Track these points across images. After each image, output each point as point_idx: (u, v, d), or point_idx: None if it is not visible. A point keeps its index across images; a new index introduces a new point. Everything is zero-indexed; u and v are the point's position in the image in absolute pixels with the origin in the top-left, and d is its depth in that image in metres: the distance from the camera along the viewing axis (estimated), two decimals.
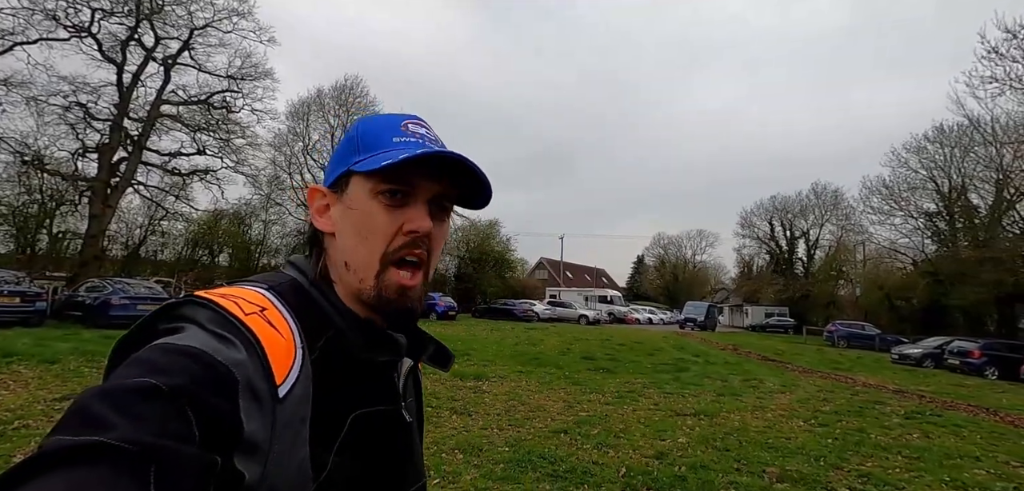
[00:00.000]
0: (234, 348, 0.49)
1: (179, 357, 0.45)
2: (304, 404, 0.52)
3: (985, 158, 27.47)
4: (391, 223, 0.61)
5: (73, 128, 22.40)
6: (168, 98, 24.65)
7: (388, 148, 0.61)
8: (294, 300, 0.60)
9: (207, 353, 0.46)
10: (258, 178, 28.14)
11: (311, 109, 31.34)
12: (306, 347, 0.55)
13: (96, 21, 21.57)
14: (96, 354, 8.15)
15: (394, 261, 0.62)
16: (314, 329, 0.58)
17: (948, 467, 5.14)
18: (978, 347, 17.24)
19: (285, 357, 0.52)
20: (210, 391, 0.44)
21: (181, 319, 0.51)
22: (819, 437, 6.06)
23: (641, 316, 41.12)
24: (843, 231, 43.76)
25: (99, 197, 21.98)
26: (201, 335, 0.48)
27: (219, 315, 0.51)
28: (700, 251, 70.69)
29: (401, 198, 0.62)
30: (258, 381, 0.49)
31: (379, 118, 0.66)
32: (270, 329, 0.53)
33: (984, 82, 23.32)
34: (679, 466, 4.64)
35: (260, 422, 0.48)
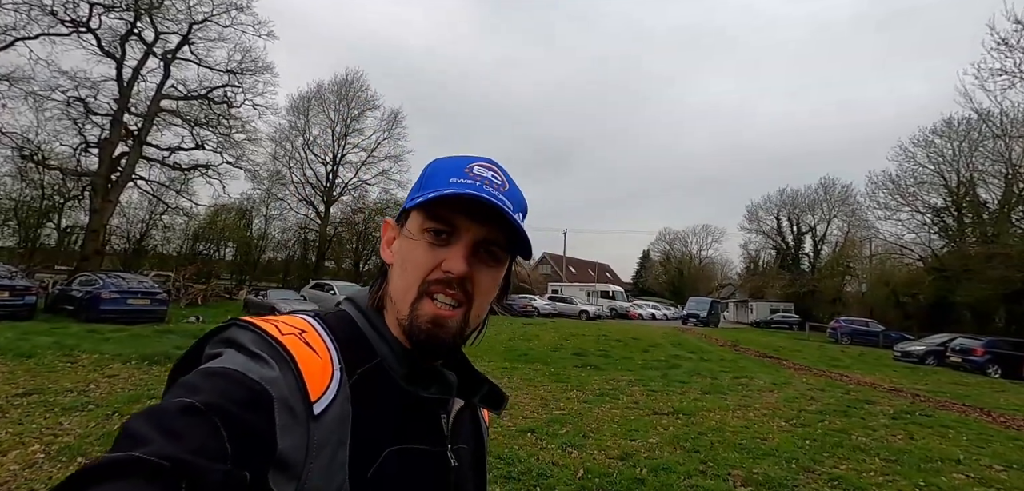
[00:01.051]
0: (267, 366, 0.50)
1: (216, 378, 0.47)
2: (342, 426, 0.53)
3: (994, 152, 26.90)
4: (430, 258, 0.61)
5: (75, 123, 22.58)
6: (168, 93, 24.75)
7: (442, 188, 0.61)
8: (338, 328, 0.61)
9: (240, 372, 0.48)
10: (258, 173, 28.25)
11: (311, 104, 31.40)
12: (344, 370, 0.56)
13: (95, 16, 21.67)
14: (75, 349, 8.15)
15: (428, 294, 0.61)
16: (357, 356, 0.59)
17: (925, 471, 4.97)
18: (981, 345, 16.90)
19: (321, 376, 0.53)
20: (243, 408, 0.45)
21: (223, 343, 0.53)
22: (797, 438, 5.90)
23: (644, 312, 40.87)
24: (851, 227, 43.22)
25: (99, 192, 22.12)
26: (238, 357, 0.50)
27: (257, 336, 0.53)
28: (706, 246, 70.15)
29: (445, 238, 0.62)
30: (293, 397, 0.49)
31: (446, 160, 0.66)
32: (306, 348, 0.54)
33: (994, 74, 22.81)
34: (641, 468, 4.51)
35: (295, 439, 0.49)
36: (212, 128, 25.79)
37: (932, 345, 19.03)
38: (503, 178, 0.66)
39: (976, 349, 16.77)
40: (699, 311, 35.61)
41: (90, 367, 7.10)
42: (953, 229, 30.62)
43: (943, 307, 29.67)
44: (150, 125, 24.14)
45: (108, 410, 5.17)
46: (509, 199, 0.64)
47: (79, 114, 22.38)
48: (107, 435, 4.42)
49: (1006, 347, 16.88)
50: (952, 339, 18.67)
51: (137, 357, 7.80)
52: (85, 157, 23.39)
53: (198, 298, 19.79)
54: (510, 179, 0.67)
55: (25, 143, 21.07)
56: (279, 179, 30.46)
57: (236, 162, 26.42)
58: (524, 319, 25.98)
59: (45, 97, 21.29)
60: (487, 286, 0.64)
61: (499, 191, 0.63)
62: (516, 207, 0.65)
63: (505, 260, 0.66)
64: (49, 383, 6.05)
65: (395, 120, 33.11)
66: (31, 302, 11.77)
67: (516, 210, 0.64)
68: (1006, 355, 16.35)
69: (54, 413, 4.96)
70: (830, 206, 45.08)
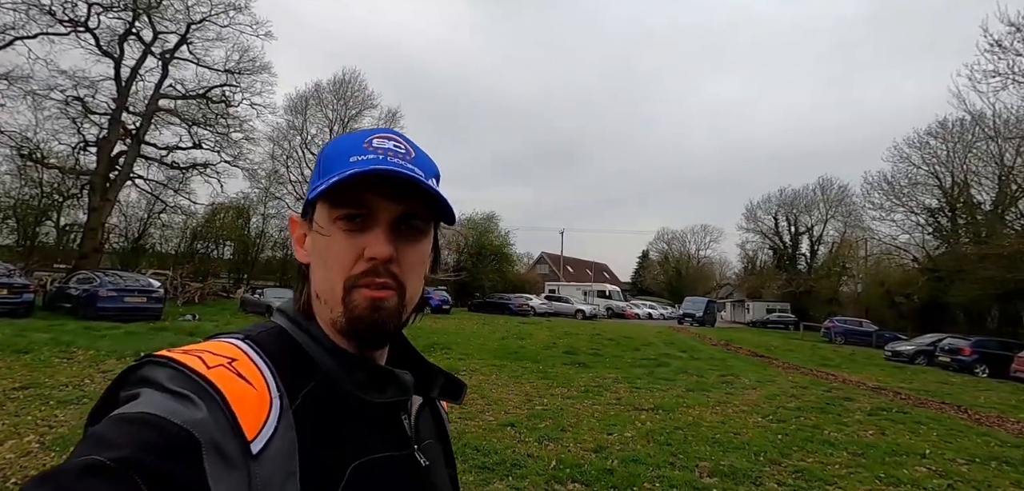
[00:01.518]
0: (193, 406, 0.45)
1: (129, 426, 0.42)
2: (288, 458, 0.48)
3: (986, 154, 27.09)
4: (350, 249, 0.57)
5: (73, 122, 22.75)
6: (166, 92, 24.92)
7: (344, 169, 0.56)
8: (274, 347, 0.56)
9: (160, 416, 0.43)
10: (256, 172, 28.42)
11: (309, 103, 31.54)
12: (285, 396, 0.51)
13: (94, 15, 21.83)
14: (72, 345, 8.34)
15: (356, 286, 0.57)
16: (297, 375, 0.55)
17: (889, 464, 5.15)
18: (969, 344, 17.09)
19: (257, 410, 0.48)
20: (163, 458, 0.40)
21: (139, 382, 0.47)
22: (770, 433, 6.08)
23: (641, 311, 41.08)
24: (847, 227, 43.44)
25: (98, 191, 22.30)
26: (156, 398, 0.45)
27: (178, 372, 0.47)
28: (704, 246, 70.41)
29: (361, 222, 0.57)
30: (225, 439, 0.45)
31: (344, 138, 0.61)
32: (238, 381, 0.49)
33: (986, 76, 22.98)
34: (613, 460, 4.70)
35: (232, 484, 0.44)
36: (210, 127, 25.96)
37: (922, 345, 19.22)
38: (407, 146, 0.62)
39: (964, 349, 16.97)
40: (695, 311, 35.84)
41: (86, 363, 7.29)
42: (947, 230, 30.82)
43: (937, 307, 29.86)
44: (148, 124, 24.30)
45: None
46: (418, 166, 0.60)
47: (78, 113, 22.56)
48: None
49: (994, 347, 17.08)
50: (941, 339, 18.87)
51: (132, 353, 7.98)
52: (83, 156, 23.60)
53: (195, 296, 19.97)
54: (416, 147, 0.63)
55: (24, 142, 21.22)
56: (277, 178, 30.65)
57: (234, 161, 26.59)
58: (520, 318, 26.20)
59: (44, 96, 21.46)
60: (415, 262, 0.60)
61: (406, 160, 0.59)
62: (428, 174, 0.61)
63: (429, 231, 0.63)
64: (45, 378, 6.24)
65: (392, 119, 33.27)
66: (29, 300, 11.96)
67: (428, 177, 0.60)
68: (994, 354, 16.54)
69: (49, 406, 5.15)
70: (827, 206, 45.38)
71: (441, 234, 0.71)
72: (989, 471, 5.16)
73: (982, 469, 5.21)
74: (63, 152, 23.12)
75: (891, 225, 33.34)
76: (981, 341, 17.56)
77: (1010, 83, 22.25)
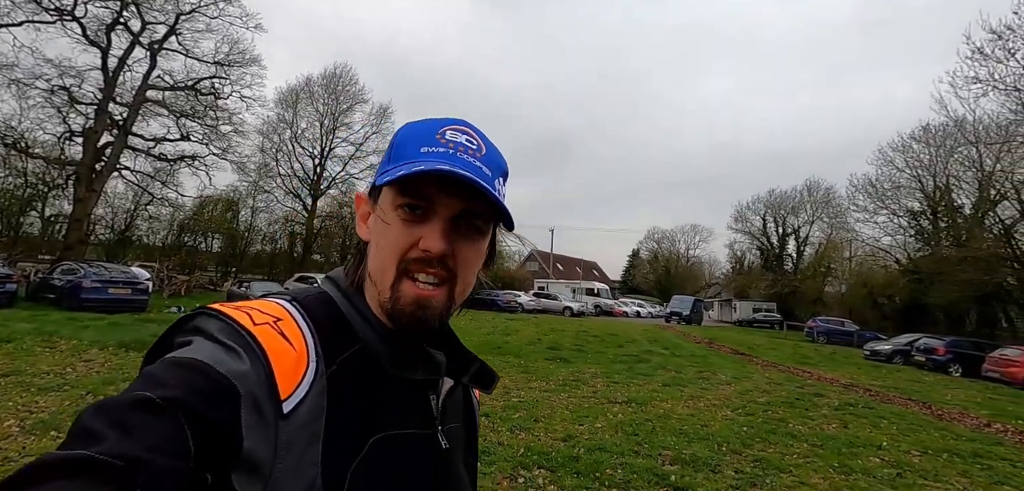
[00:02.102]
0: (238, 358, 0.48)
1: (180, 369, 0.45)
2: (315, 421, 0.50)
3: (967, 159, 27.65)
4: (406, 237, 0.58)
5: (59, 111, 22.56)
6: (154, 83, 24.76)
7: (412, 160, 0.57)
8: (319, 312, 0.58)
9: (208, 363, 0.46)
10: (245, 165, 28.34)
11: (300, 97, 31.45)
12: (322, 360, 0.54)
13: (81, 4, 21.66)
14: (54, 335, 8.39)
15: (407, 273, 0.59)
16: (337, 342, 0.57)
17: (845, 455, 5.39)
18: (943, 344, 17.53)
19: (294, 370, 0.51)
20: (208, 403, 0.43)
21: (193, 331, 0.51)
22: (736, 425, 6.30)
23: (629, 310, 41.42)
24: (834, 229, 44.10)
25: (83, 181, 22.14)
26: (207, 347, 0.48)
27: (228, 326, 0.50)
28: (694, 246, 70.99)
29: (421, 214, 0.58)
30: (261, 394, 0.48)
31: (416, 125, 0.63)
32: (280, 340, 0.52)
33: (968, 82, 23.48)
34: (579, 448, 4.88)
35: (261, 438, 0.47)
36: (198, 120, 25.84)
37: (899, 345, 19.66)
38: (479, 141, 0.62)
39: (938, 349, 17.40)
40: (682, 309, 36.24)
41: (68, 352, 7.36)
42: (929, 232, 31.41)
43: (918, 308, 30.44)
44: (135, 115, 24.14)
45: (82, 390, 5.46)
46: (486, 164, 0.60)
47: (63, 103, 22.37)
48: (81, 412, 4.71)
49: (968, 347, 17.52)
50: (917, 339, 19.31)
51: (115, 343, 8.06)
52: (69, 146, 23.43)
53: (181, 289, 19.93)
54: (487, 141, 0.63)
55: (8, 131, 21.04)
56: (266, 171, 30.57)
57: (222, 154, 26.51)
58: (508, 314, 26.37)
59: (29, 85, 21.28)
60: (470, 259, 0.61)
61: (475, 157, 0.59)
62: (495, 172, 0.61)
63: (488, 230, 0.63)
64: (27, 366, 6.31)
65: (383, 115, 33.32)
66: (11, 290, 11.94)
67: (495, 175, 0.61)
68: (967, 355, 16.98)
69: (30, 392, 5.24)
70: (813, 208, 46.02)
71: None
72: (939, 462, 5.41)
73: (933, 460, 5.46)
74: (48, 142, 22.95)
75: (874, 227, 33.95)
76: (955, 341, 18.01)
77: (990, 90, 22.77)
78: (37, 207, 25.47)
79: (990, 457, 5.70)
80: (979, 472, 5.15)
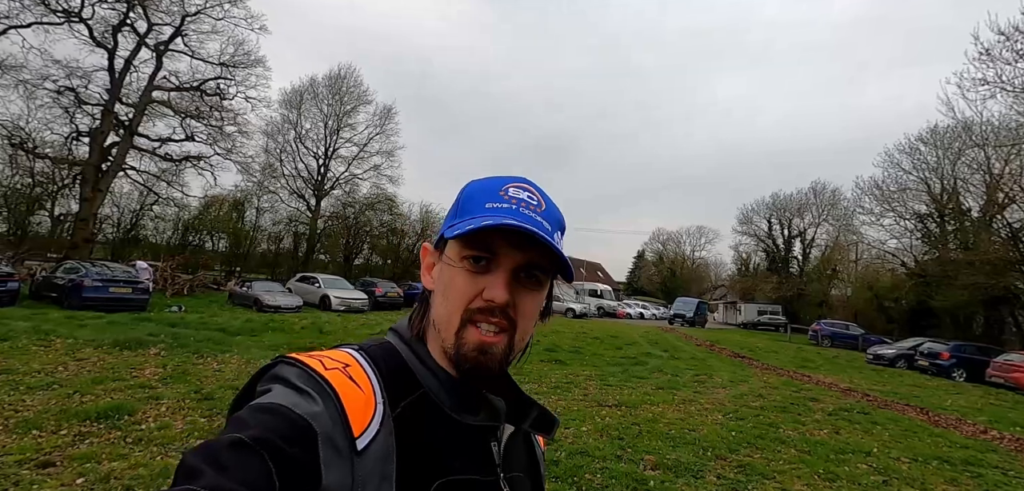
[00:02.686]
0: (312, 401, 0.52)
1: (263, 414, 0.50)
2: (387, 462, 0.53)
3: (974, 162, 27.32)
4: (471, 287, 0.61)
5: (66, 112, 22.83)
6: (160, 84, 24.98)
7: (479, 214, 0.61)
8: (383, 360, 0.62)
9: (286, 407, 0.50)
10: (250, 165, 28.53)
11: (304, 97, 31.59)
12: (388, 403, 0.57)
13: (88, 5, 21.90)
14: (51, 333, 8.46)
15: (472, 321, 0.61)
16: (401, 388, 0.60)
17: (832, 461, 5.33)
18: (947, 349, 17.31)
19: (364, 410, 0.54)
20: (289, 442, 0.47)
21: (273, 379, 0.55)
22: (725, 430, 6.26)
23: (632, 311, 41.36)
24: (840, 231, 43.71)
25: (89, 181, 22.39)
26: (285, 392, 0.52)
27: (303, 372, 0.55)
28: (700, 248, 70.78)
29: (485, 265, 0.61)
30: (336, 432, 0.51)
31: (482, 182, 0.67)
32: (350, 383, 0.55)
33: (975, 84, 23.20)
34: (562, 452, 4.86)
35: (340, 475, 0.50)
36: (204, 120, 26.06)
37: (903, 349, 19.45)
38: (539, 198, 0.66)
39: (942, 353, 17.18)
40: (685, 311, 36.13)
41: (63, 351, 7.42)
42: (936, 235, 31.03)
43: (924, 312, 30.09)
44: (141, 116, 24.38)
45: (70, 390, 5.50)
46: (546, 219, 0.64)
47: (70, 103, 22.65)
48: (65, 411, 4.75)
49: (972, 352, 17.28)
50: (921, 343, 19.09)
51: (109, 342, 8.12)
52: (76, 146, 23.71)
53: (184, 288, 20.06)
54: (546, 198, 0.67)
55: (15, 131, 21.30)
56: (271, 172, 30.71)
57: (227, 154, 26.69)
58: None
59: (37, 85, 21.56)
60: (530, 310, 0.64)
61: (536, 212, 0.63)
62: (554, 226, 0.65)
63: (546, 282, 0.66)
64: (20, 365, 6.37)
65: (387, 116, 33.38)
66: (14, 288, 12.07)
67: (554, 230, 0.64)
68: (971, 359, 16.75)
69: (19, 391, 5.29)
70: (820, 210, 45.62)
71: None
72: (928, 469, 5.35)
73: (921, 467, 5.39)
74: (56, 142, 23.23)
75: (880, 230, 33.61)
76: (960, 346, 17.78)
77: (998, 91, 22.49)
78: (46, 207, 25.79)
79: (981, 465, 5.62)
80: (968, 480, 5.08)
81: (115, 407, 4.93)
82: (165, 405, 5.30)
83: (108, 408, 4.88)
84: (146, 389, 5.83)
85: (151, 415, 4.95)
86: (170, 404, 5.35)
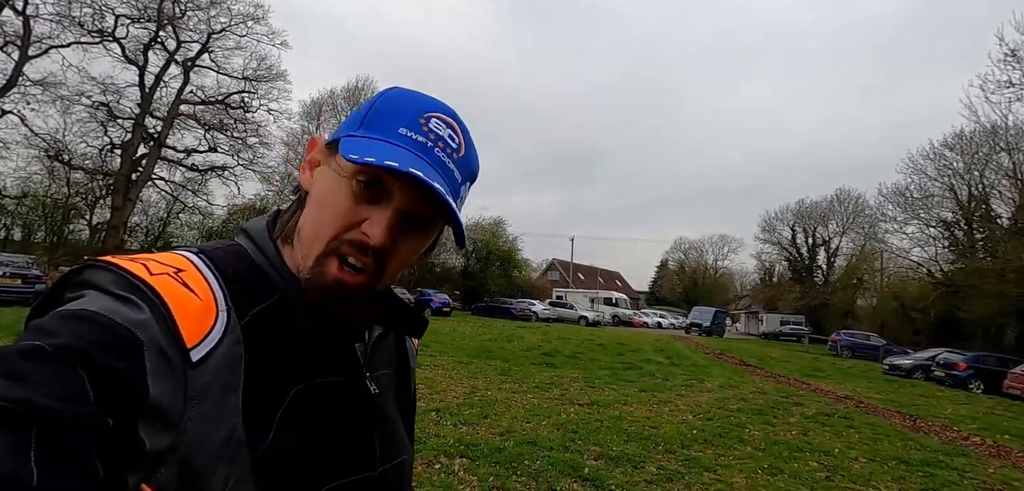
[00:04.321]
0: (136, 308, 0.45)
1: (73, 321, 0.42)
2: (230, 372, 0.49)
3: (1001, 167, 26.40)
4: (352, 213, 0.55)
5: (103, 125, 24.27)
6: (187, 98, 26.32)
7: (386, 138, 0.55)
8: (228, 264, 0.55)
9: (103, 315, 0.43)
10: (271, 176, 29.62)
11: (323, 109, 32.63)
12: (233, 311, 0.52)
13: (121, 26, 23.29)
14: None
15: (338, 253, 0.56)
16: (251, 294, 0.54)
17: (783, 458, 5.39)
18: (964, 360, 16.76)
19: (201, 320, 0.49)
20: (106, 352, 0.41)
21: (82, 285, 0.48)
22: (689, 428, 6.35)
23: (650, 320, 40.95)
24: (866, 239, 42.55)
25: (120, 191, 23.71)
26: (101, 299, 0.45)
27: (121, 277, 0.47)
28: (722, 257, 69.59)
29: (375, 193, 0.55)
30: (166, 342, 0.45)
31: (404, 97, 0.59)
32: (182, 289, 0.49)
33: (1000, 86, 22.52)
34: (510, 441, 5.08)
35: (169, 387, 0.45)
36: (227, 132, 27.26)
37: (920, 359, 18.89)
38: (461, 139, 0.60)
39: (959, 364, 16.65)
40: (702, 320, 35.70)
41: None
42: (963, 243, 29.97)
43: (952, 323, 29.03)
44: (169, 128, 25.69)
45: None
46: (461, 168, 0.59)
47: (104, 117, 24.06)
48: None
49: (992, 363, 16.69)
50: (939, 353, 18.51)
51: None
52: (110, 158, 25.13)
53: None
54: (468, 139, 0.61)
55: (53, 144, 22.71)
56: (291, 181, 31.75)
57: (249, 165, 27.83)
58: (519, 322, 26.56)
59: (74, 101, 22.98)
60: (406, 255, 0.59)
61: (451, 158, 0.58)
62: (466, 176, 0.60)
63: (434, 229, 0.61)
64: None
65: None
66: (41, 290, 12.91)
67: (464, 180, 0.60)
68: (990, 371, 16.18)
69: None
70: (845, 218, 44.52)
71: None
72: (882, 468, 5.36)
73: (876, 467, 5.41)
74: (90, 154, 24.66)
75: (903, 238, 32.64)
76: (978, 357, 17.19)
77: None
78: (85, 216, 27.35)
79: (941, 466, 5.60)
80: (917, 479, 5.09)
81: None
82: None
83: None
84: None
85: None
86: None
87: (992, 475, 5.51)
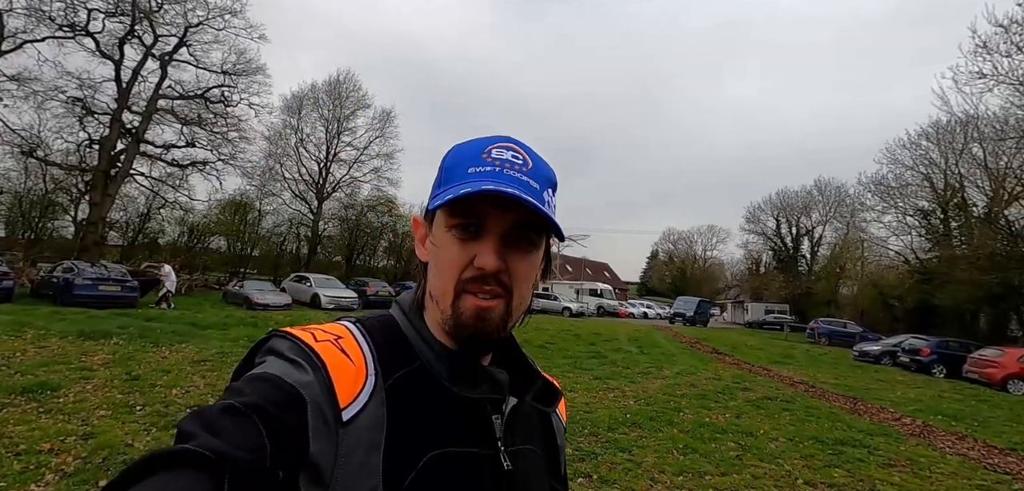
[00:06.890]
0: (302, 371, 0.53)
1: (256, 382, 0.51)
2: (374, 432, 0.54)
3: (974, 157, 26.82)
4: (462, 255, 0.60)
5: (80, 121, 24.12)
6: (165, 93, 26.16)
7: (461, 181, 0.60)
8: (379, 332, 0.63)
9: (278, 376, 0.52)
10: (252, 170, 29.57)
11: (304, 103, 32.55)
12: (380, 375, 0.57)
13: (93, 19, 23.10)
14: (27, 325, 9.18)
15: (467, 292, 0.61)
16: (397, 359, 0.60)
17: (703, 439, 5.61)
18: (927, 345, 17.16)
19: (353, 382, 0.55)
20: (279, 409, 0.49)
21: (267, 352, 0.57)
22: (622, 410, 6.58)
23: (636, 311, 41.34)
24: (848, 228, 43.06)
25: (98, 187, 23.62)
26: (278, 363, 0.54)
27: (294, 344, 0.56)
28: (711, 247, 70.12)
29: (474, 231, 0.60)
30: (324, 402, 0.52)
31: (463, 147, 0.65)
32: (339, 354, 0.56)
33: (972, 78, 22.82)
34: None
35: (325, 443, 0.51)
36: (207, 127, 27.15)
37: (888, 346, 19.29)
38: (525, 155, 0.64)
39: (923, 349, 17.05)
40: (685, 310, 36.03)
41: (28, 341, 8.09)
42: (939, 231, 30.45)
43: (927, 310, 29.55)
44: (147, 123, 25.54)
45: (13, 371, 6.11)
46: (534, 178, 0.62)
47: (81, 113, 23.90)
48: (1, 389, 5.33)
49: (954, 348, 17.10)
50: (905, 339, 18.91)
51: (75, 333, 8.79)
52: (87, 153, 24.99)
53: (183, 288, 20.98)
54: (533, 155, 0.65)
55: (28, 140, 22.57)
56: (272, 176, 31.72)
57: (229, 160, 27.74)
58: None
59: (51, 96, 22.82)
60: (524, 272, 0.62)
61: (521, 172, 0.61)
62: (543, 184, 0.63)
63: (540, 243, 0.64)
64: None
65: (387, 120, 34.17)
66: (8, 287, 13.00)
67: (543, 188, 0.63)
68: (952, 355, 16.58)
69: None
70: (827, 208, 45.02)
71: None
72: (795, 447, 5.60)
73: (790, 446, 5.64)
74: (67, 149, 24.51)
75: (881, 227, 33.11)
76: (942, 342, 17.60)
77: (995, 85, 22.08)
78: (70, 212, 27.23)
79: (855, 444, 5.84)
80: (825, 456, 5.33)
81: (40, 384, 5.51)
82: (92, 384, 5.86)
83: (34, 385, 5.46)
84: (84, 371, 6.41)
85: (74, 391, 5.51)
86: (97, 383, 5.91)
87: (902, 452, 5.76)
